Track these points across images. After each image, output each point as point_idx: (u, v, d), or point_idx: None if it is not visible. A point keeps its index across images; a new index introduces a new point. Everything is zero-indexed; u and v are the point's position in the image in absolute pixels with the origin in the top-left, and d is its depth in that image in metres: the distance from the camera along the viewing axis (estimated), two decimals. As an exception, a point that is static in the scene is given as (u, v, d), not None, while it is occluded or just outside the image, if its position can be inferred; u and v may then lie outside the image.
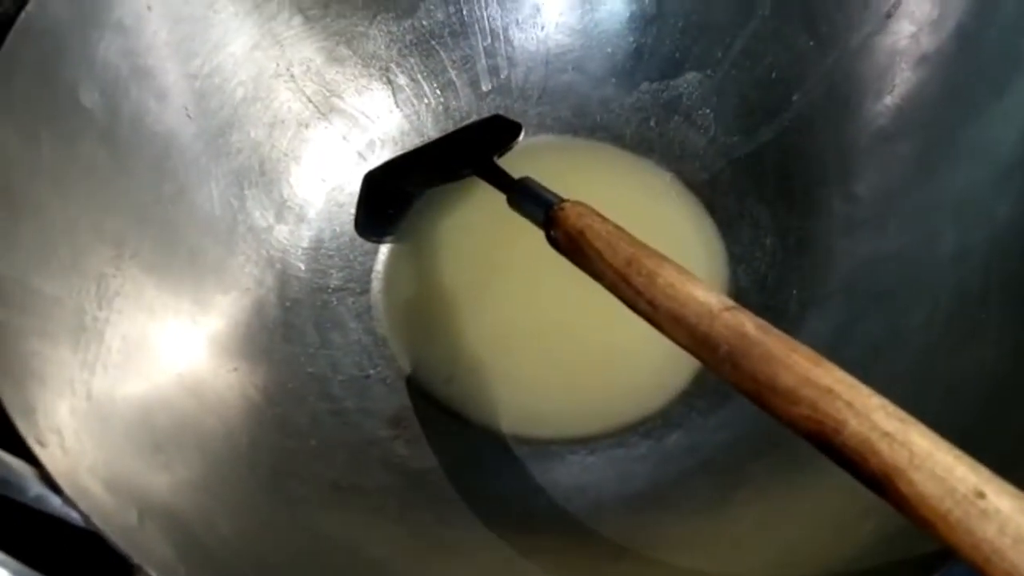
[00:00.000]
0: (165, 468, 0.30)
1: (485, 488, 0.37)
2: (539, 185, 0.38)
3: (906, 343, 0.35)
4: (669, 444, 0.41)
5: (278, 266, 0.43)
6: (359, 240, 0.46)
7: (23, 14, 0.35)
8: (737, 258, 0.45)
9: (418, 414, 0.41)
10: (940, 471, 0.23)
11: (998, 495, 0.22)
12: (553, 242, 0.36)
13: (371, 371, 0.42)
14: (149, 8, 0.39)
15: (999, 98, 0.36)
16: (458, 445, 0.40)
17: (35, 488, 0.23)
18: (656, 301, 0.30)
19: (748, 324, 0.28)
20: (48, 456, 0.26)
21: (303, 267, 0.44)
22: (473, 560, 0.33)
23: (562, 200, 0.36)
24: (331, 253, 0.45)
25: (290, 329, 0.41)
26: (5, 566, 0.19)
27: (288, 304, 0.42)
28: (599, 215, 0.35)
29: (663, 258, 0.32)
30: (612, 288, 0.33)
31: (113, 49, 0.38)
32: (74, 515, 0.24)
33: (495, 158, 0.43)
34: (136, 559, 0.23)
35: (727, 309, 0.29)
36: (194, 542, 0.27)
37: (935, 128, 0.38)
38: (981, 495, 0.22)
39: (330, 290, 0.44)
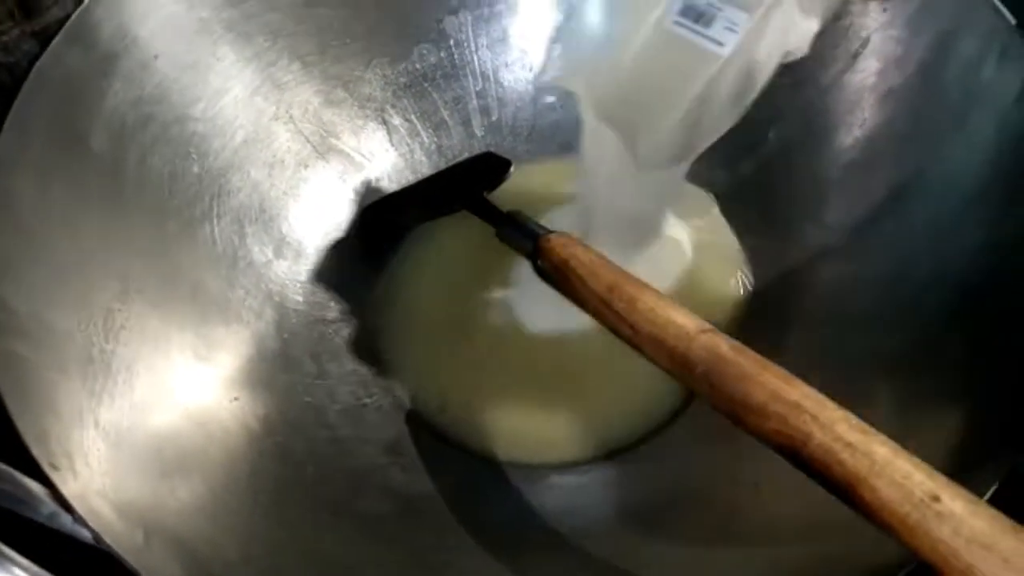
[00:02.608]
0: (171, 494, 0.32)
1: (480, 512, 0.39)
2: (526, 218, 0.40)
3: (882, 364, 0.36)
4: (660, 466, 0.42)
5: (277, 299, 0.45)
6: (356, 273, 0.48)
7: (38, 64, 0.37)
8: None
9: (414, 441, 0.43)
10: (899, 478, 0.24)
11: (952, 499, 0.23)
12: (540, 271, 0.38)
13: (367, 400, 0.44)
14: (155, 57, 0.42)
15: (961, 129, 0.38)
16: (453, 471, 0.42)
17: (49, 507, 0.25)
18: (637, 325, 0.32)
19: (723, 345, 0.30)
20: (60, 479, 0.27)
21: (301, 300, 0.46)
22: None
23: (548, 232, 0.38)
24: (328, 287, 0.47)
25: (288, 360, 0.43)
26: (26, 571, 0.20)
27: (286, 336, 0.44)
28: (582, 245, 0.37)
29: (643, 284, 0.33)
30: (595, 314, 0.35)
31: (121, 96, 0.40)
32: (85, 533, 0.25)
33: (485, 193, 0.45)
34: (146, 569, 0.25)
35: (703, 332, 0.30)
36: (200, 564, 0.28)
37: (902, 159, 0.40)
38: (936, 499, 0.23)
39: (327, 322, 0.46)
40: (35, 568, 0.20)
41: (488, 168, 0.49)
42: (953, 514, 0.23)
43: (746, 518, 0.35)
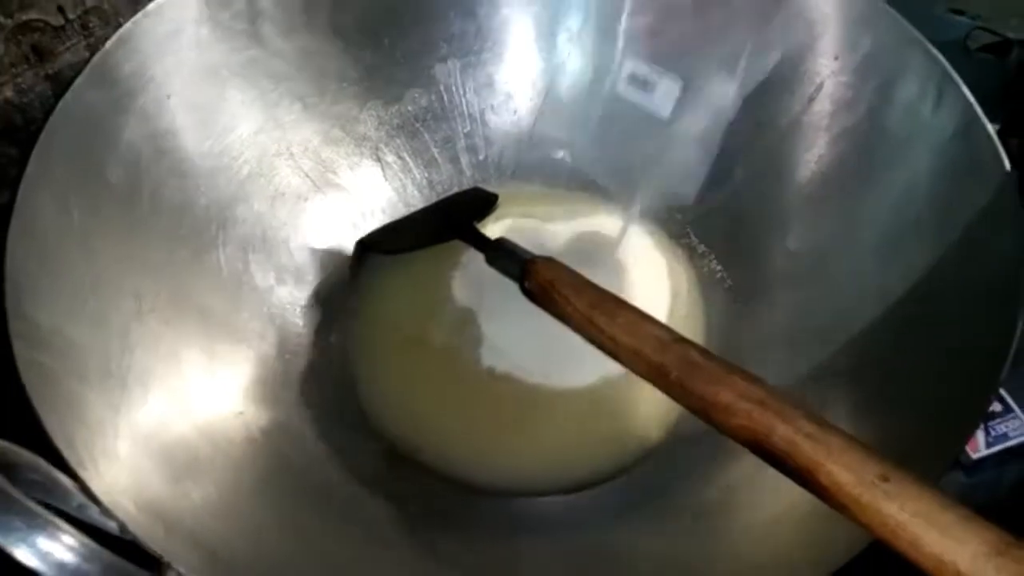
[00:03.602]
0: (184, 496, 0.34)
1: (471, 517, 0.41)
2: (514, 244, 0.43)
3: (836, 377, 0.40)
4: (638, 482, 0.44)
5: (279, 322, 0.47)
6: (352, 299, 0.51)
7: (63, 100, 0.40)
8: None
9: (407, 458, 0.45)
10: (852, 462, 0.27)
11: (900, 480, 0.26)
12: (527, 292, 0.41)
13: (365, 418, 0.46)
14: (168, 97, 0.45)
15: (904, 163, 0.42)
16: (443, 486, 0.44)
17: (78, 499, 0.27)
18: (617, 337, 0.35)
19: (693, 352, 0.33)
20: (87, 476, 0.29)
21: (301, 323, 0.48)
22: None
23: (534, 256, 0.41)
24: (326, 311, 0.50)
25: (290, 378, 0.45)
26: (73, 537, 0.22)
27: (288, 356, 0.46)
28: (566, 268, 0.40)
29: (621, 301, 0.37)
30: (578, 329, 0.38)
31: (136, 132, 0.43)
32: (111, 524, 0.28)
33: (474, 223, 0.48)
34: (167, 558, 0.27)
35: (676, 341, 0.34)
36: (214, 556, 0.30)
37: (854, 190, 0.44)
38: (886, 479, 0.26)
39: (326, 345, 0.48)
40: (82, 537, 0.22)
41: (476, 201, 0.52)
42: (900, 492, 0.26)
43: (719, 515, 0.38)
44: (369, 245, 0.51)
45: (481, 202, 0.53)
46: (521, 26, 0.55)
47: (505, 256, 0.43)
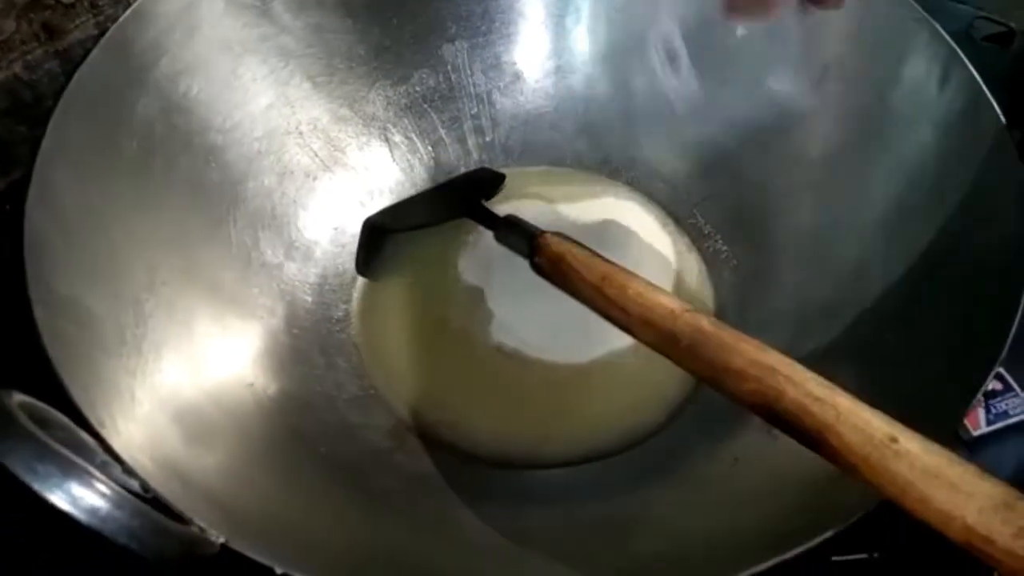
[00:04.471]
0: (198, 459, 0.34)
1: (480, 487, 0.41)
2: (522, 221, 0.44)
3: (845, 352, 0.40)
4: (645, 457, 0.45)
5: (288, 298, 0.48)
6: (357, 278, 0.51)
7: (77, 74, 0.40)
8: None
9: (415, 431, 0.46)
10: (861, 424, 0.28)
11: (908, 440, 0.27)
12: (537, 267, 0.41)
13: (372, 391, 0.46)
14: (180, 72, 0.45)
15: (911, 141, 0.42)
16: (453, 456, 0.44)
17: (101, 456, 0.27)
18: (628, 308, 0.36)
19: (704, 321, 0.33)
20: (107, 435, 0.30)
21: (310, 300, 0.49)
22: (475, 544, 0.37)
23: (542, 231, 0.42)
24: (334, 288, 0.50)
25: (298, 353, 0.46)
26: (106, 485, 0.22)
27: (296, 331, 0.47)
28: (575, 242, 0.40)
29: (631, 273, 0.37)
30: (589, 302, 0.38)
31: (149, 106, 0.43)
32: (132, 483, 0.28)
33: (482, 201, 0.49)
34: (188, 514, 0.27)
35: (687, 311, 0.34)
36: (229, 515, 0.31)
37: (861, 170, 0.45)
38: (894, 440, 0.27)
39: (334, 320, 0.49)
40: (112, 484, 0.23)
41: (483, 180, 0.53)
42: (908, 452, 0.27)
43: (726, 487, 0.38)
44: (377, 224, 0.52)
45: (488, 181, 0.53)
46: (529, 7, 0.55)
47: (514, 232, 0.43)
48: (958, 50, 0.40)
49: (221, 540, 0.26)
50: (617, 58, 0.56)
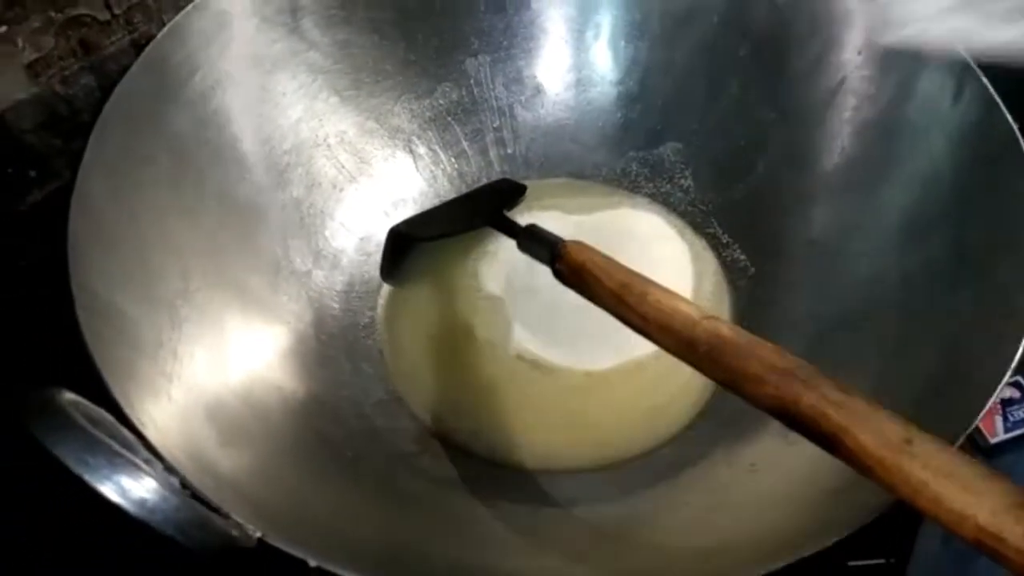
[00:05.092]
0: (231, 458, 0.35)
1: (501, 490, 0.42)
2: (543, 230, 0.45)
3: (863, 354, 0.41)
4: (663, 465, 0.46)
5: (315, 305, 0.49)
6: (382, 286, 0.53)
7: (116, 89, 0.42)
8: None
9: (438, 437, 0.47)
10: (876, 426, 0.28)
11: (922, 441, 0.28)
12: (559, 275, 0.42)
13: (397, 396, 0.48)
14: (213, 87, 0.47)
15: (924, 152, 0.43)
16: (475, 461, 0.45)
17: (144, 453, 0.29)
18: (648, 315, 0.36)
19: (723, 328, 0.34)
20: (147, 433, 0.31)
21: (337, 307, 0.50)
22: (495, 542, 0.38)
23: (564, 240, 0.43)
24: (361, 296, 0.52)
25: (326, 359, 0.47)
26: (153, 478, 0.24)
27: (324, 337, 0.48)
28: (596, 251, 0.41)
29: (650, 281, 0.38)
30: (610, 309, 0.39)
31: (183, 121, 0.45)
32: (173, 480, 0.29)
33: (504, 211, 0.50)
34: (225, 509, 0.28)
35: (706, 318, 0.35)
36: (262, 511, 0.32)
37: (876, 180, 0.46)
38: (909, 442, 0.28)
39: (360, 327, 0.50)
40: (160, 477, 0.24)
41: (505, 191, 0.54)
42: (922, 453, 0.27)
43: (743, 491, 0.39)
44: (402, 233, 0.53)
45: (510, 192, 0.54)
46: (549, 22, 0.56)
47: (536, 241, 0.44)
48: (972, 63, 0.41)
49: (258, 535, 0.27)
50: (637, 72, 0.57)
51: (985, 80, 0.41)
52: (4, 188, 0.48)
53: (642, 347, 0.48)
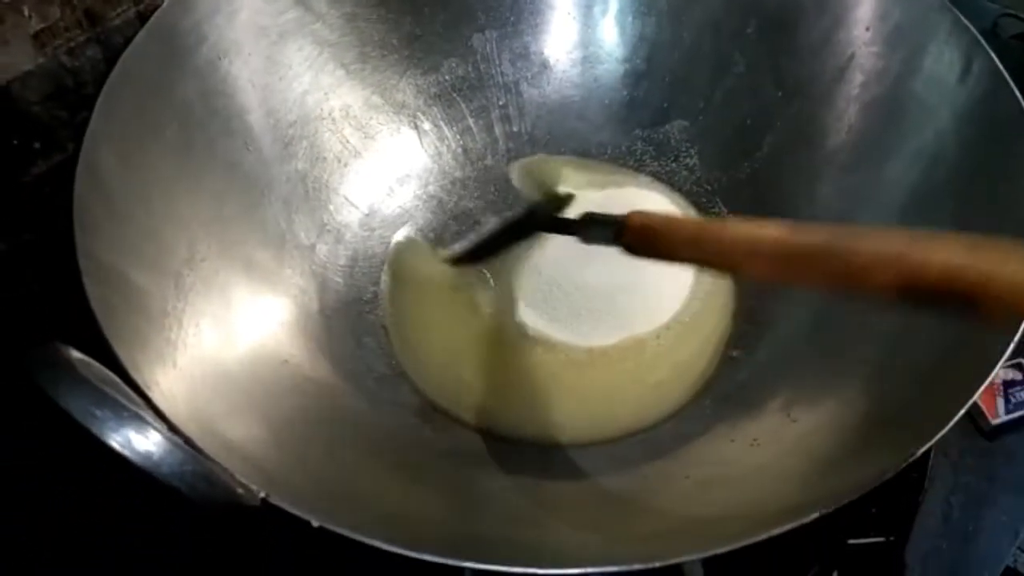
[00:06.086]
0: (236, 426, 0.36)
1: (505, 462, 0.43)
2: (602, 214, 0.40)
3: (869, 332, 0.41)
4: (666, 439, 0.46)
5: (319, 279, 0.49)
6: (386, 261, 0.53)
7: (123, 56, 0.42)
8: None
9: (440, 411, 0.47)
10: (1014, 276, 0.27)
11: None
12: (628, 248, 0.38)
13: (400, 370, 0.48)
14: (219, 57, 0.47)
15: (932, 126, 0.43)
16: (477, 435, 0.46)
17: (149, 414, 0.29)
18: (731, 250, 0.34)
19: (819, 234, 0.31)
20: (153, 396, 0.31)
21: (340, 281, 0.50)
22: (503, 509, 0.38)
23: (625, 215, 0.38)
24: (364, 271, 0.52)
25: (330, 333, 0.47)
26: (160, 433, 0.24)
27: (328, 312, 0.48)
28: (654, 213, 0.38)
29: (716, 221, 0.36)
30: (690, 259, 0.37)
31: (190, 90, 0.45)
32: (177, 439, 0.29)
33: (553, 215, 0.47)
34: (231, 468, 0.28)
35: (794, 230, 0.32)
36: (266, 474, 0.32)
37: (883, 156, 0.45)
38: None
39: (363, 302, 0.50)
40: (164, 432, 0.24)
41: (548, 204, 0.51)
42: None
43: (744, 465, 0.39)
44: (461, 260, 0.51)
45: (554, 203, 0.51)
46: (557, -2, 0.56)
47: (599, 225, 0.40)
48: (980, 38, 0.41)
49: (262, 495, 0.27)
50: (644, 49, 0.57)
51: (993, 55, 0.41)
52: (9, 159, 0.48)
53: (642, 325, 0.48)
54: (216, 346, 0.40)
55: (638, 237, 0.38)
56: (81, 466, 0.47)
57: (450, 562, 0.27)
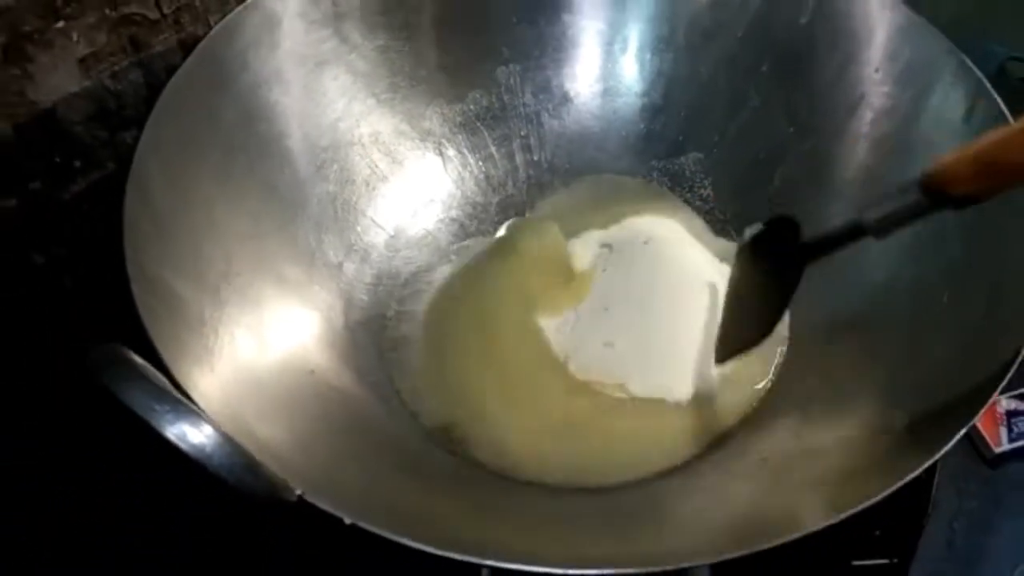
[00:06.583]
0: (265, 430, 0.37)
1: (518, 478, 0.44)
2: (887, 202, 0.36)
3: (875, 352, 0.43)
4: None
5: (346, 296, 0.51)
6: (408, 280, 0.55)
7: (172, 81, 0.45)
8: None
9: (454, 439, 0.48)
10: None
11: None
12: (964, 201, 0.34)
13: (422, 388, 0.49)
14: (260, 84, 0.49)
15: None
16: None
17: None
18: None
19: None
20: (195, 397, 0.33)
21: (366, 298, 0.52)
22: (519, 524, 0.39)
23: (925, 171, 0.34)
24: (388, 289, 0.54)
25: (355, 346, 0.49)
26: (211, 424, 0.26)
27: (352, 327, 0.50)
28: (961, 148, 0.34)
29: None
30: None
31: (233, 114, 0.47)
32: (227, 434, 0.30)
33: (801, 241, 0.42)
34: (260, 457, 0.30)
35: None
36: (296, 475, 0.34)
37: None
38: None
39: (387, 318, 0.52)
40: (217, 427, 0.26)
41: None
42: None
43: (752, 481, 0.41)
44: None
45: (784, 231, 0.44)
46: (579, 34, 0.59)
47: (889, 211, 0.35)
48: (984, 80, 0.43)
49: (299, 492, 0.29)
50: (661, 84, 0.59)
51: (997, 97, 0.43)
52: (50, 176, 0.50)
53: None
54: (248, 355, 0.42)
55: (969, 176, 0.33)
56: (81, 466, 0.50)
57: (472, 560, 0.29)
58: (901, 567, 0.46)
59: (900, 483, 0.31)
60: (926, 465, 0.32)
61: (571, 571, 0.28)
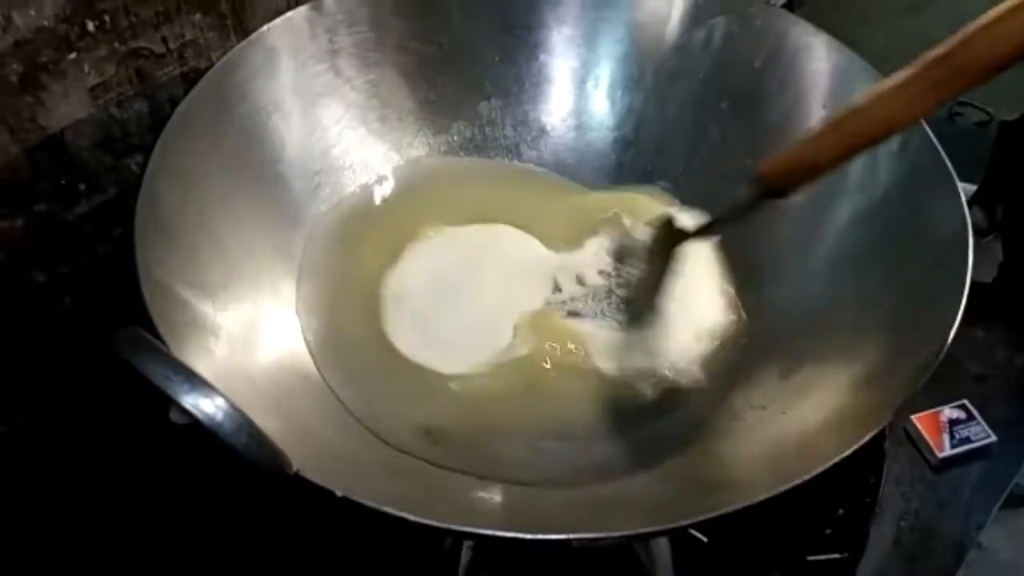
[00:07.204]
0: (260, 421, 0.40)
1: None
2: (726, 203, 0.46)
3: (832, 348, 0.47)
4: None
5: (336, 309, 0.55)
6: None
7: (177, 110, 0.48)
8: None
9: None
10: None
11: None
12: (778, 192, 0.42)
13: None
14: (259, 113, 0.53)
15: (913, 252, 0.48)
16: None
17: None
18: (872, 116, 0.37)
19: (935, 51, 0.34)
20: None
21: (354, 313, 0.56)
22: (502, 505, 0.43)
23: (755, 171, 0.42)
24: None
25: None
26: (224, 398, 0.29)
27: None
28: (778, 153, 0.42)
29: (844, 111, 0.38)
30: (847, 150, 0.39)
31: (234, 139, 0.51)
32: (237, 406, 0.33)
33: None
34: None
35: (928, 66, 0.35)
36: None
37: (862, 273, 0.50)
38: None
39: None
40: (228, 399, 0.29)
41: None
42: None
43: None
44: None
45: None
46: (555, 73, 0.64)
47: (733, 209, 0.45)
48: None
49: (295, 469, 0.32)
50: (631, 120, 0.64)
51: (929, 132, 0.47)
52: (56, 198, 0.53)
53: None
54: (244, 357, 0.45)
55: (780, 175, 0.41)
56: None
57: (453, 527, 0.32)
58: (851, 562, 0.49)
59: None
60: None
61: (545, 536, 0.31)
